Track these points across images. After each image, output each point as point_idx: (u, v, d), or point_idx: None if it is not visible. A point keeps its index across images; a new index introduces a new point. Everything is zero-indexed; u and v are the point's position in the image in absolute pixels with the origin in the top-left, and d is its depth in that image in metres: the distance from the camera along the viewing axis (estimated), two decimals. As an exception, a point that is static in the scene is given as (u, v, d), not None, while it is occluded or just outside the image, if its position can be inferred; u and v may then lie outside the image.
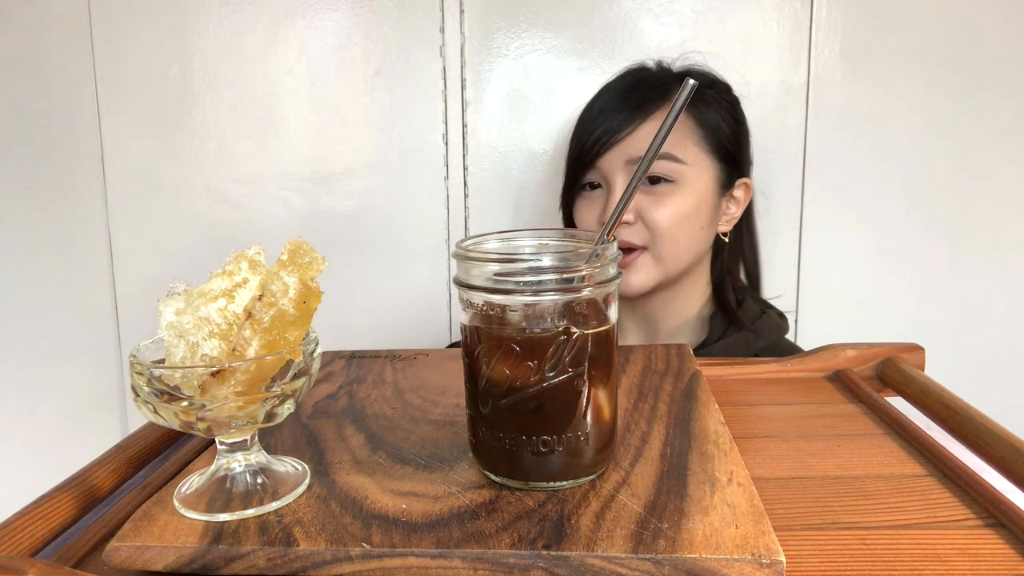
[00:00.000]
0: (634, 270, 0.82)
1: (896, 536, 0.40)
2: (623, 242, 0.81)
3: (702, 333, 0.89)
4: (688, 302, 0.89)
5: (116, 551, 0.37)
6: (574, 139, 0.87)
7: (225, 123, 1.04)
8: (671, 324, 0.89)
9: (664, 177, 0.81)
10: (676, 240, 0.81)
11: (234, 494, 0.41)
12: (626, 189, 0.42)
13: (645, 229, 0.81)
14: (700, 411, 0.50)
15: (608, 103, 0.84)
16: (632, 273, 0.82)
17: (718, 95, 0.86)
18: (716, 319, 0.88)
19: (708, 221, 0.84)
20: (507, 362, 0.39)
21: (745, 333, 0.85)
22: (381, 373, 0.62)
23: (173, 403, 0.38)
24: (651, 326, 0.90)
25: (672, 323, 0.89)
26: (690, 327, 0.90)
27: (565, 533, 0.36)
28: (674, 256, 0.82)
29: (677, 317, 0.89)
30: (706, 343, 0.87)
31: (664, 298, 0.87)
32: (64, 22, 1.02)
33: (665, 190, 0.81)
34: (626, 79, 0.86)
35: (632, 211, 0.81)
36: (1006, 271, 1.03)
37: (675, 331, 0.90)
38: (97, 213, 1.06)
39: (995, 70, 0.98)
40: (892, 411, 0.57)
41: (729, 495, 0.39)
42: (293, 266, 0.41)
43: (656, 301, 0.87)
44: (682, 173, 0.81)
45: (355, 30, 1.01)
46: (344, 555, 0.36)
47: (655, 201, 0.81)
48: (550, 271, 0.38)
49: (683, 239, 0.82)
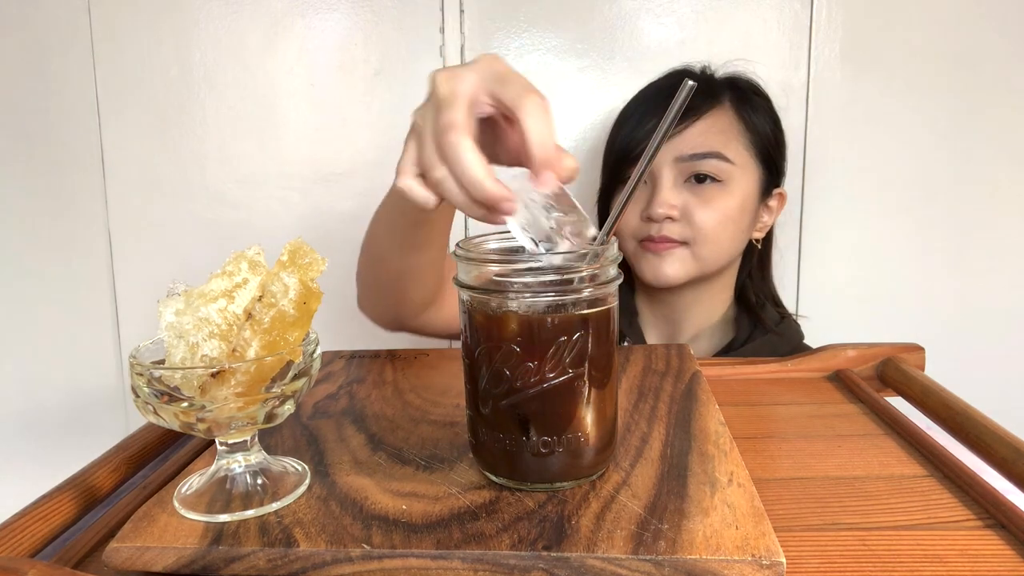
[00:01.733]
0: (670, 260, 0.81)
1: (896, 537, 0.40)
2: (663, 237, 0.80)
3: (726, 335, 0.88)
4: (714, 304, 0.88)
5: (116, 552, 0.37)
6: (617, 135, 0.85)
7: (225, 123, 1.04)
8: (695, 325, 0.88)
9: (712, 176, 0.80)
10: (719, 242, 0.81)
11: (234, 495, 0.41)
12: (627, 189, 0.42)
13: (688, 227, 0.80)
14: (700, 411, 0.50)
15: (657, 98, 0.83)
16: (667, 263, 0.81)
17: (765, 102, 0.86)
18: (742, 321, 0.88)
19: (748, 226, 0.84)
20: (507, 363, 0.39)
21: (771, 336, 0.85)
22: (381, 373, 0.62)
23: (173, 404, 0.38)
24: (673, 327, 0.89)
25: (696, 324, 0.88)
26: (712, 329, 0.89)
27: (565, 534, 0.36)
28: (714, 257, 0.82)
29: (702, 319, 0.88)
30: (732, 345, 0.86)
31: (692, 298, 0.86)
32: (64, 22, 1.02)
33: (712, 190, 0.80)
34: (673, 78, 0.85)
35: (676, 208, 0.79)
36: (1006, 271, 1.03)
37: (698, 333, 0.89)
38: (97, 213, 1.06)
39: (995, 70, 0.98)
40: (892, 411, 0.57)
41: (729, 496, 0.38)
42: (293, 267, 0.41)
43: (684, 299, 0.87)
44: (730, 174, 0.80)
45: (355, 30, 1.01)
46: (344, 556, 0.36)
47: (702, 201, 0.80)
48: (550, 272, 0.38)
49: (725, 241, 0.82)
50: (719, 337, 0.89)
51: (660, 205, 0.79)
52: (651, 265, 0.82)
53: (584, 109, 1.02)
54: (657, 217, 0.79)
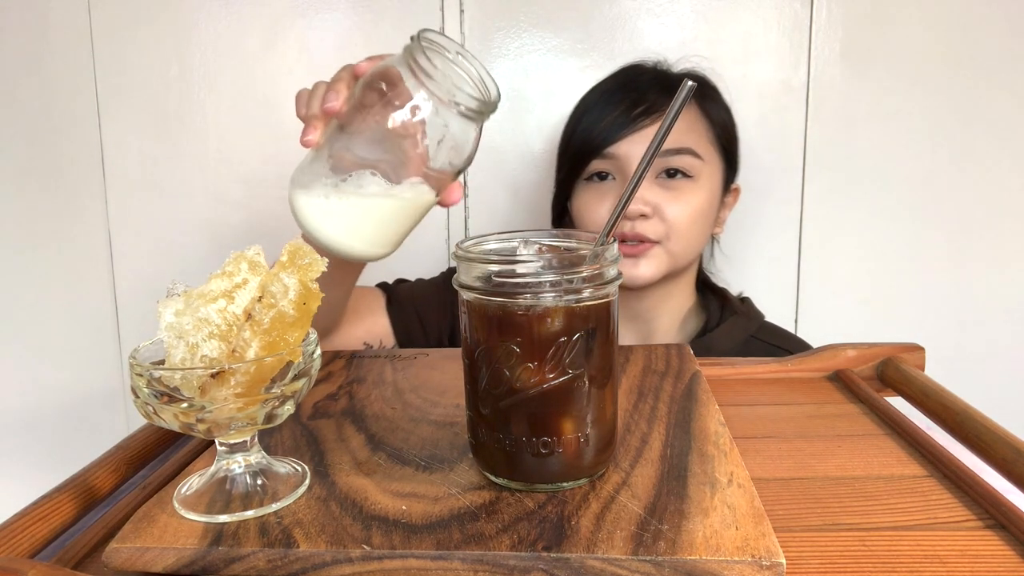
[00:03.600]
0: (645, 261, 0.80)
1: (896, 537, 0.40)
2: (637, 235, 0.79)
3: (697, 323, 0.90)
4: (683, 298, 0.89)
5: (116, 552, 0.37)
6: (575, 129, 0.84)
7: (225, 123, 1.04)
8: (666, 321, 0.89)
9: (683, 171, 0.80)
10: (690, 237, 0.81)
11: (234, 495, 0.41)
12: (627, 187, 0.41)
13: (661, 224, 0.80)
14: (700, 411, 0.50)
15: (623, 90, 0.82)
16: (643, 264, 0.80)
17: (719, 95, 0.86)
18: (711, 305, 0.89)
19: (714, 220, 0.85)
20: (507, 363, 0.39)
21: (740, 317, 0.87)
22: (381, 373, 0.62)
23: (173, 404, 0.38)
24: (646, 325, 0.90)
25: (667, 320, 0.89)
26: (683, 321, 0.90)
27: (565, 535, 0.36)
28: (685, 253, 0.82)
29: (673, 314, 0.89)
30: (706, 328, 0.87)
31: (662, 295, 0.87)
32: (64, 22, 1.02)
33: (683, 185, 0.80)
34: (629, 73, 0.85)
35: (649, 204, 0.79)
36: (1007, 270, 1.03)
37: (669, 328, 0.90)
38: (97, 213, 1.06)
39: (996, 69, 0.98)
40: (892, 411, 0.57)
41: (729, 496, 0.38)
42: (293, 267, 0.41)
43: (654, 297, 0.87)
44: (700, 170, 0.80)
45: (355, 30, 1.01)
46: (344, 557, 0.36)
47: (674, 196, 0.80)
48: (550, 272, 0.38)
49: (696, 236, 0.82)
50: (691, 326, 0.90)
51: (635, 202, 0.78)
52: (625, 267, 0.81)
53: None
54: (631, 215, 0.79)
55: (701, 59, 0.92)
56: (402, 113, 0.51)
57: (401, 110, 0.51)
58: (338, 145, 0.55)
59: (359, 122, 0.54)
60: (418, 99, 0.51)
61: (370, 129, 0.53)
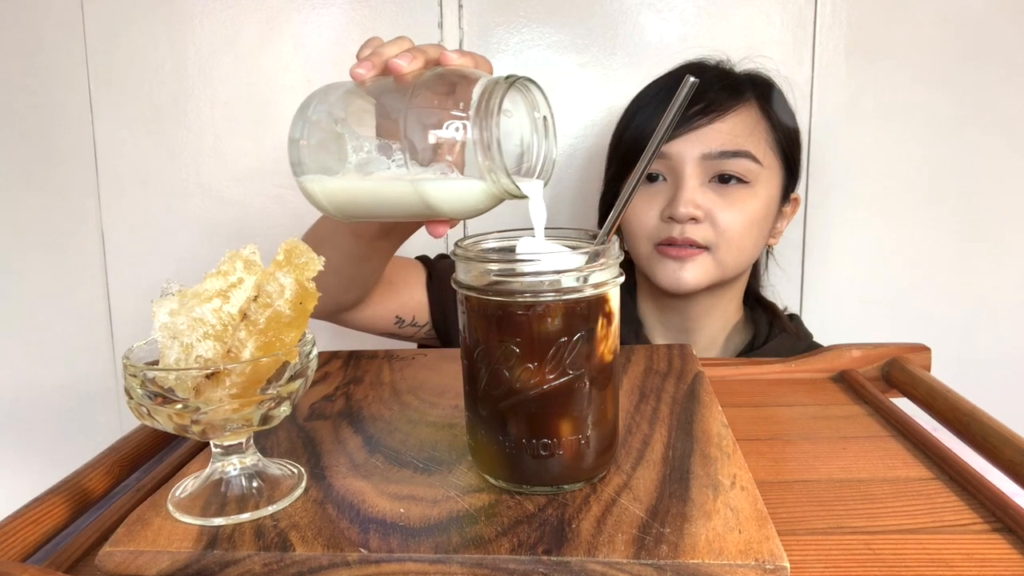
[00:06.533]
0: (692, 267, 0.77)
1: (902, 541, 0.40)
2: (686, 239, 0.76)
3: (742, 339, 0.86)
4: (728, 311, 0.85)
5: (109, 556, 0.37)
6: (628, 126, 0.81)
7: (220, 120, 1.03)
8: (709, 334, 0.85)
9: (739, 177, 0.76)
10: (742, 247, 0.77)
11: (229, 498, 0.40)
12: (627, 189, 0.41)
13: (712, 230, 0.76)
14: (703, 413, 0.50)
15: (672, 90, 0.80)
16: (689, 270, 0.77)
17: (784, 99, 0.82)
18: (760, 321, 0.86)
19: (769, 230, 0.81)
20: (507, 364, 0.38)
21: (788, 335, 0.83)
22: (379, 374, 0.61)
23: (167, 406, 0.38)
24: (687, 336, 0.85)
25: (710, 332, 0.85)
26: (727, 336, 0.86)
27: (566, 538, 0.35)
28: (736, 262, 0.78)
29: (716, 326, 0.85)
30: (753, 345, 0.84)
31: (708, 305, 0.83)
32: (57, 18, 1.01)
33: (738, 191, 0.76)
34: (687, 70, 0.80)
35: (701, 208, 0.75)
36: (1014, 270, 1.03)
37: (712, 341, 0.86)
38: (90, 212, 1.05)
39: (1001, 66, 0.98)
40: (898, 413, 0.56)
41: (732, 499, 0.38)
42: (289, 266, 0.40)
43: (699, 307, 0.83)
44: (757, 175, 0.77)
45: (351, 25, 1.00)
46: (341, 560, 0.35)
47: (728, 203, 0.76)
48: (550, 271, 0.38)
49: (748, 246, 0.78)
50: (736, 341, 0.86)
51: (685, 205, 0.74)
52: (670, 271, 0.77)
53: (585, 105, 1.01)
54: (680, 218, 0.75)
55: (766, 59, 0.87)
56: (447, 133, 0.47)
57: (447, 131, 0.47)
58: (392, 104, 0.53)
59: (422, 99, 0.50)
60: (467, 138, 0.47)
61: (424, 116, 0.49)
